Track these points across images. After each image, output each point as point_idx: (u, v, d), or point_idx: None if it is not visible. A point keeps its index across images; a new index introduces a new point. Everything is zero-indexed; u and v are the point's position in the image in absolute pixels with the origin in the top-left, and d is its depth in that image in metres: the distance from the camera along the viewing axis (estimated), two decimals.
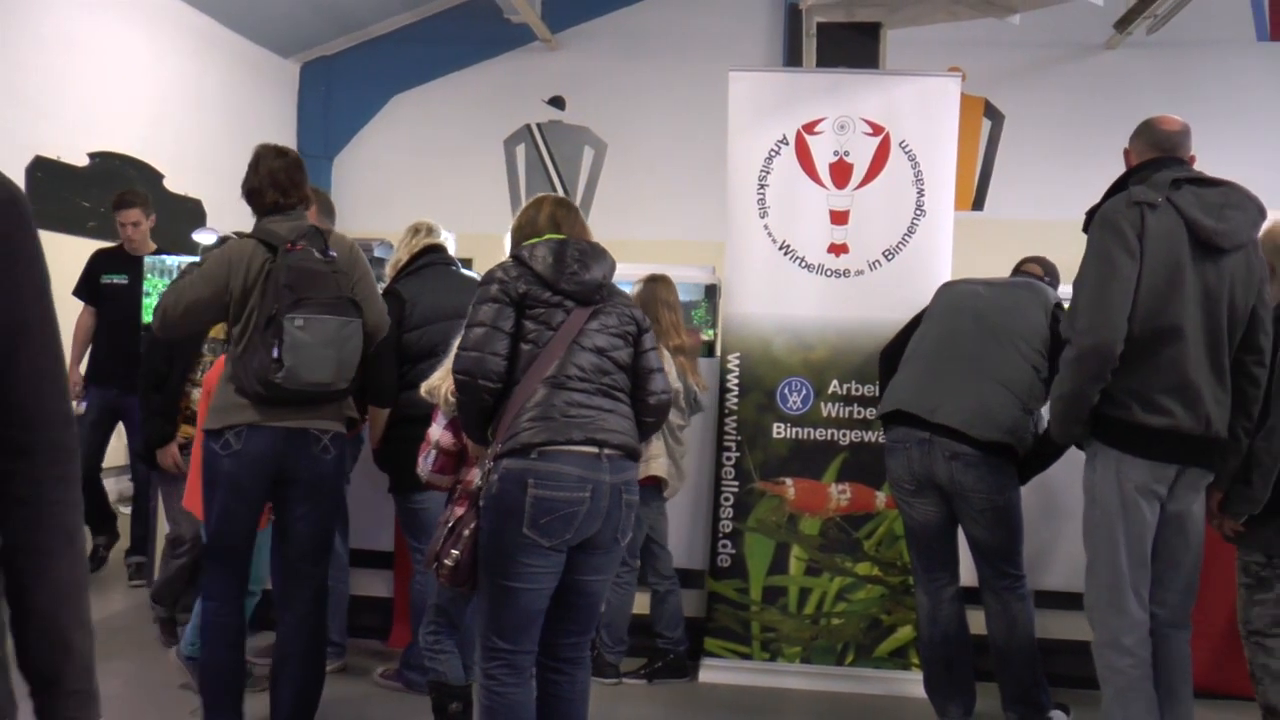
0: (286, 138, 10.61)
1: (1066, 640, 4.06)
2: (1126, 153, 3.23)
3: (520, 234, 3.07)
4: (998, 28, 5.50)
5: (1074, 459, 3.78)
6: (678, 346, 4.33)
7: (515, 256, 2.92)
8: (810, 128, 4.42)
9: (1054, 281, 4.09)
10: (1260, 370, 3.10)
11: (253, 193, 3.38)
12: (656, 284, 4.41)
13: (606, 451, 2.79)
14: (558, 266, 2.86)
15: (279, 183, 3.35)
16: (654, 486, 4.27)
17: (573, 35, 10.80)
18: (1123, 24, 9.45)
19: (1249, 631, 3.37)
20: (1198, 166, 3.17)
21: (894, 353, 4.02)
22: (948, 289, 4.06)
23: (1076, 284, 3.09)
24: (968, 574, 3.93)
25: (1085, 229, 3.13)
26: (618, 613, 4.31)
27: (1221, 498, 3.23)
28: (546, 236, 2.99)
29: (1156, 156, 3.12)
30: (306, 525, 3.38)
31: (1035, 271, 4.13)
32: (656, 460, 4.24)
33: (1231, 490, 3.20)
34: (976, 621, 3.93)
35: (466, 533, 2.84)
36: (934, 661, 3.94)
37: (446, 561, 2.85)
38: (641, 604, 4.40)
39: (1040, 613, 3.98)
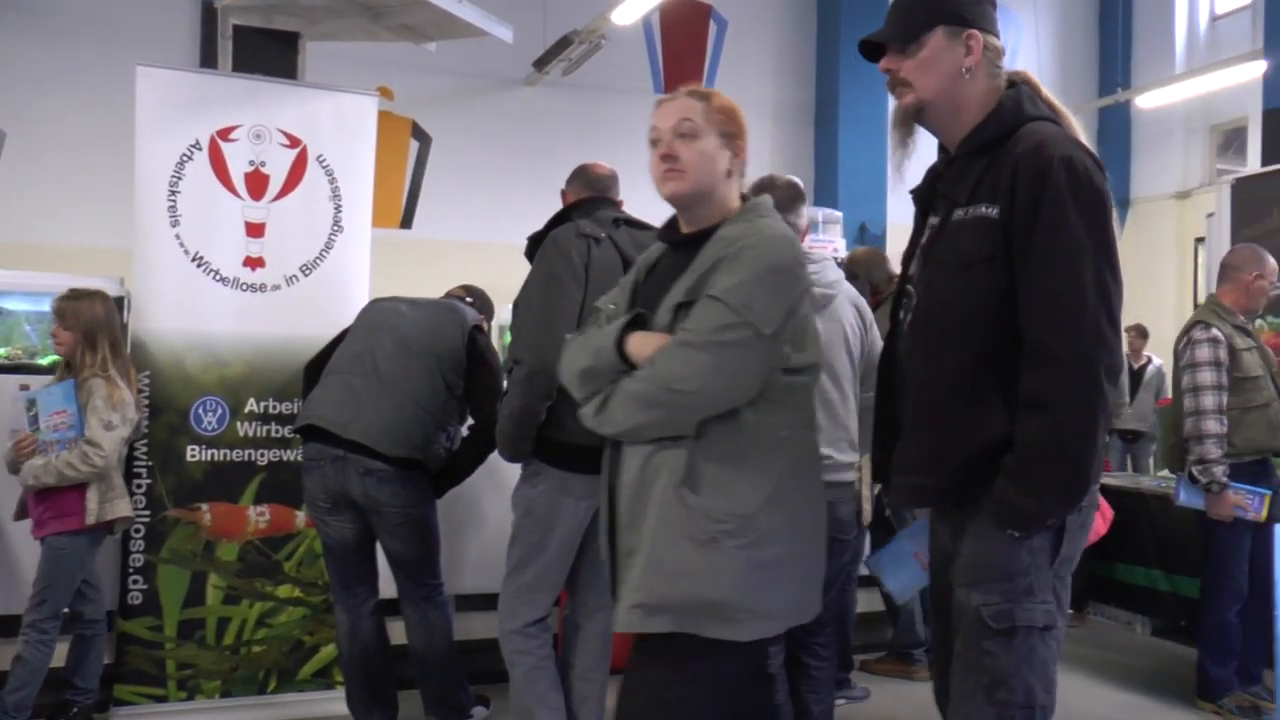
0: None
1: (484, 639, 4.28)
2: (564, 192, 3.49)
3: None
4: (430, 54, 5.66)
5: (484, 469, 4.04)
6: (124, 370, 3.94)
7: None
8: (225, 134, 4.23)
9: (482, 307, 4.30)
10: None
11: None
12: (95, 300, 3.95)
13: None
14: None
15: None
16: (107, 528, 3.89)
17: None
18: (541, 64, 10.24)
19: None
20: None
21: (316, 368, 3.98)
22: (372, 306, 4.09)
23: (521, 305, 3.25)
24: (388, 586, 4.00)
25: (527, 254, 3.33)
26: (35, 674, 3.77)
27: None
28: None
29: (593, 196, 3.41)
30: None
31: (459, 294, 4.32)
32: (121, 501, 3.88)
33: None
34: (398, 632, 4.02)
35: None
36: (355, 677, 3.94)
37: None
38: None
39: (459, 616, 4.16)
